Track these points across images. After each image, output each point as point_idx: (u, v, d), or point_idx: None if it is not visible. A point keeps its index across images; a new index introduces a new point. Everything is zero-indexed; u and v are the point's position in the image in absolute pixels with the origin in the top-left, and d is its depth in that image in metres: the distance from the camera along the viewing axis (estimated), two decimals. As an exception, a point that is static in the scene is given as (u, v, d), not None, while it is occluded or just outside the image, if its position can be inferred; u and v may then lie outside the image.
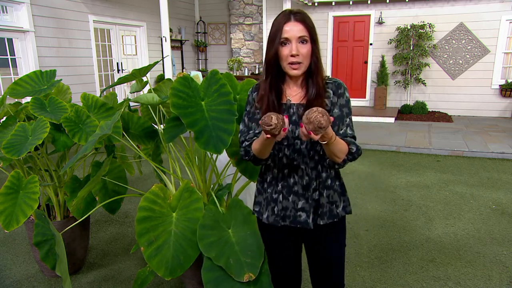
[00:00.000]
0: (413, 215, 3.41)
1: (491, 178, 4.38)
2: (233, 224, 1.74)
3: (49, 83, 2.39)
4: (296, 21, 1.25)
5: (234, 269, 1.54)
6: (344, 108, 1.32)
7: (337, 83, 1.34)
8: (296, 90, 1.34)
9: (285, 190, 1.37)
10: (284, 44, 1.25)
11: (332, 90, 1.33)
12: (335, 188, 1.38)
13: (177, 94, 1.59)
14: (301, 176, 1.35)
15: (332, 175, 1.38)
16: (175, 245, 1.65)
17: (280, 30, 1.25)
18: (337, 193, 1.39)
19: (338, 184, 1.40)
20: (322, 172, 1.35)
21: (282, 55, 1.26)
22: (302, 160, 1.34)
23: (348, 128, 1.32)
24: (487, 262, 2.63)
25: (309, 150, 1.33)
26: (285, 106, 1.34)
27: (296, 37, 1.24)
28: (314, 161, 1.34)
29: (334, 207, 1.38)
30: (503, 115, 7.82)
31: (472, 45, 7.78)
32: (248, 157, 1.36)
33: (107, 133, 1.76)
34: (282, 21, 1.26)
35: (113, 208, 2.21)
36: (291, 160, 1.34)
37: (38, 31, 5.88)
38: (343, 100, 1.33)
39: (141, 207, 1.64)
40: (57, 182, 2.31)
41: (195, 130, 1.55)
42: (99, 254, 2.76)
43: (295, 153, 1.33)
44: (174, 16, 9.15)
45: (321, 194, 1.36)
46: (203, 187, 2.11)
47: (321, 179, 1.35)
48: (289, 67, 1.27)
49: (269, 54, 1.29)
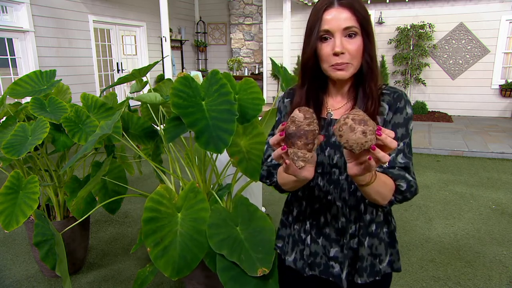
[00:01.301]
0: (413, 215, 3.41)
1: (491, 178, 4.38)
2: (240, 221, 1.75)
3: (49, 83, 2.39)
4: (341, 7, 0.92)
5: (247, 265, 1.56)
6: (400, 129, 0.97)
7: (396, 94, 0.99)
8: (341, 101, 1.03)
9: (314, 231, 1.07)
10: (324, 40, 0.94)
11: (389, 103, 0.99)
12: (381, 237, 1.05)
13: (178, 94, 1.59)
14: (336, 216, 1.03)
15: (380, 219, 1.04)
16: (181, 245, 1.65)
17: (319, 19, 0.93)
18: (383, 244, 1.05)
19: (386, 231, 1.06)
20: (366, 214, 1.02)
21: (322, 54, 0.95)
22: (340, 195, 1.02)
23: (400, 155, 0.96)
24: (487, 262, 2.63)
25: (350, 182, 1.00)
26: (324, 121, 1.02)
27: (341, 29, 0.92)
28: (355, 198, 1.01)
29: (378, 261, 1.04)
30: (503, 115, 7.83)
31: (472, 45, 7.78)
32: (270, 181, 1.06)
33: (108, 133, 1.75)
34: (321, 7, 0.94)
35: (113, 208, 2.21)
36: (325, 194, 1.03)
37: (38, 31, 5.88)
38: (400, 118, 0.97)
39: (147, 208, 1.64)
40: (57, 182, 2.31)
41: (195, 130, 1.55)
42: (99, 254, 2.76)
43: (331, 185, 1.02)
44: (174, 16, 9.15)
45: (361, 243, 1.03)
46: (203, 187, 2.11)
47: (363, 223, 1.03)
48: (331, 69, 0.95)
49: (305, 54, 0.98)
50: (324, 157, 1.01)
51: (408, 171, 0.95)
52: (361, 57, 0.95)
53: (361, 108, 0.96)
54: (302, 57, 1.01)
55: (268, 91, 9.38)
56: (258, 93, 1.87)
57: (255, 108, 1.79)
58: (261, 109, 1.80)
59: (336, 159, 0.99)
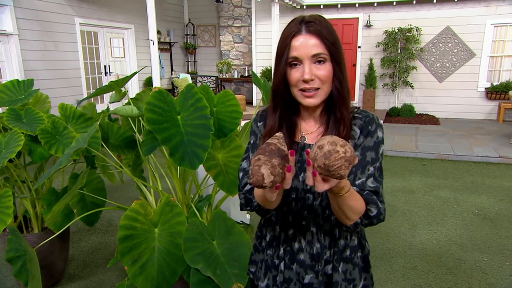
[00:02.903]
0: (397, 221, 3.43)
1: (475, 182, 4.43)
2: (217, 235, 1.73)
3: (26, 92, 2.35)
4: (309, 34, 0.92)
5: (222, 280, 1.54)
6: (369, 152, 0.97)
7: (368, 118, 0.99)
8: (314, 125, 1.03)
9: (288, 257, 1.05)
10: (294, 66, 0.94)
11: (360, 127, 0.99)
12: (355, 262, 1.05)
13: (152, 109, 1.57)
14: (310, 242, 1.03)
15: (354, 243, 1.05)
16: (160, 261, 1.64)
17: (288, 46, 0.93)
18: (357, 268, 1.05)
19: (360, 256, 1.06)
20: (340, 239, 1.02)
21: (291, 79, 0.95)
22: (314, 220, 1.01)
23: (371, 179, 0.95)
24: (468, 269, 2.65)
25: (324, 207, 1.00)
26: (297, 146, 1.02)
27: (310, 56, 0.92)
28: (329, 224, 1.01)
29: (352, 286, 1.05)
30: (489, 117, 7.93)
31: (458, 49, 7.87)
32: (251, 207, 1.02)
33: (82, 146, 1.73)
34: (289, 34, 0.94)
35: (91, 221, 2.18)
36: (299, 219, 1.03)
37: (22, 34, 5.79)
38: (371, 141, 0.97)
39: (122, 226, 1.62)
40: (35, 194, 2.27)
41: (170, 146, 1.53)
42: (80, 265, 2.72)
43: (305, 210, 1.01)
44: (163, 18, 9.10)
45: (335, 268, 1.03)
46: (183, 198, 2.10)
47: (337, 249, 1.03)
48: (301, 95, 0.95)
49: (275, 79, 0.98)
50: (298, 182, 1.00)
51: (378, 196, 0.95)
52: (331, 83, 0.96)
53: (334, 133, 0.96)
54: (273, 82, 1.01)
55: (257, 93, 9.37)
56: (237, 106, 1.86)
57: (233, 122, 1.78)
58: (239, 123, 1.79)
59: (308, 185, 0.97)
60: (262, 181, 0.73)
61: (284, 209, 1.04)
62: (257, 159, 0.75)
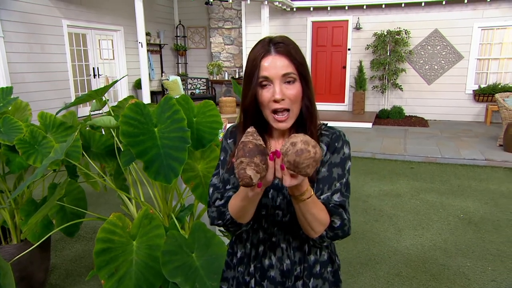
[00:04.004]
0: (383, 226, 3.44)
1: (461, 186, 4.47)
2: (196, 248, 1.72)
3: (5, 100, 2.31)
4: (278, 54, 0.94)
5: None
6: (336, 168, 0.98)
7: (334, 135, 1.01)
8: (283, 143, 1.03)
9: (258, 274, 1.05)
10: (264, 86, 0.95)
11: (327, 144, 1.00)
12: (325, 277, 1.06)
13: (128, 121, 1.55)
14: (280, 259, 1.03)
15: (324, 258, 1.06)
16: (137, 275, 1.61)
17: (257, 66, 0.94)
18: (327, 283, 1.06)
19: (331, 271, 1.07)
20: (310, 254, 1.04)
21: (262, 100, 0.95)
22: (284, 237, 1.02)
23: (337, 195, 0.96)
24: (451, 275, 2.67)
25: (293, 224, 1.00)
26: None
27: (280, 76, 0.93)
28: (299, 240, 1.02)
29: None
30: (477, 119, 8.01)
31: (446, 51, 7.94)
32: (223, 221, 1.00)
33: (59, 158, 1.70)
34: (259, 54, 0.95)
35: (71, 232, 2.15)
36: (269, 236, 1.04)
37: (7, 36, 5.71)
38: (337, 158, 0.99)
39: (99, 239, 1.60)
40: (13, 204, 2.23)
41: (145, 159, 1.51)
42: (62, 274, 2.69)
43: (275, 227, 1.02)
44: (152, 20, 9.04)
45: (305, 284, 1.03)
46: (164, 209, 2.08)
47: (307, 264, 1.03)
48: (273, 118, 0.96)
49: (246, 99, 0.97)
50: (267, 199, 1.01)
51: (344, 209, 0.97)
52: (301, 102, 0.98)
53: None
54: (242, 102, 1.01)
55: (248, 95, 9.36)
56: (217, 116, 1.85)
57: (212, 132, 1.77)
58: (218, 133, 1.77)
59: (279, 201, 1.00)
60: (251, 182, 0.78)
61: (255, 226, 1.05)
62: (239, 162, 0.79)
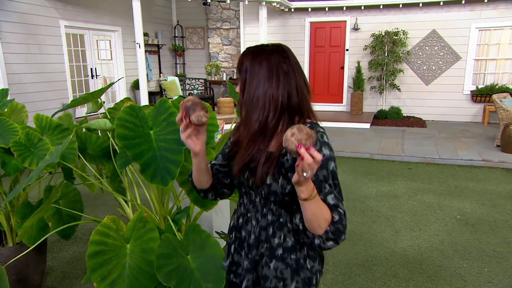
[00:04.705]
0: (381, 227, 3.44)
1: (459, 186, 4.48)
2: (191, 249, 1.71)
3: (0, 102, 2.31)
4: None
5: None
6: (320, 171, 1.01)
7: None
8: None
9: (237, 242, 1.20)
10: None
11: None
12: (287, 262, 1.10)
13: (123, 124, 1.54)
14: (249, 233, 1.15)
15: (288, 245, 1.10)
16: (130, 278, 1.61)
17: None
18: (290, 269, 1.10)
19: (294, 258, 1.11)
20: (274, 237, 1.10)
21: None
22: (255, 215, 1.13)
23: (331, 196, 1.01)
24: (448, 276, 2.68)
25: (263, 205, 1.11)
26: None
27: None
28: (266, 220, 1.11)
29: (282, 284, 1.10)
30: (474, 120, 8.03)
31: (444, 52, 7.96)
32: (192, 185, 1.24)
33: (54, 161, 1.70)
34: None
35: (67, 234, 2.14)
36: (246, 211, 1.17)
37: (5, 37, 5.69)
38: None
39: (92, 242, 1.59)
40: (9, 206, 2.23)
41: (141, 162, 1.51)
42: (58, 276, 2.68)
43: (251, 204, 1.16)
44: (150, 20, 9.03)
45: (267, 263, 1.11)
46: (160, 211, 2.07)
47: (269, 245, 1.10)
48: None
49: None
50: (244, 179, 1.13)
51: (339, 207, 1.03)
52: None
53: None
54: None
55: (247, 96, 9.35)
56: (213, 119, 1.84)
57: (208, 135, 1.76)
58: (214, 136, 1.77)
59: (249, 182, 1.11)
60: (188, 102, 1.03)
61: (240, 201, 1.21)
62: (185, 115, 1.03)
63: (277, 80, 1.04)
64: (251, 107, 1.06)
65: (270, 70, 1.05)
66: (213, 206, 1.74)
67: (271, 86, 1.04)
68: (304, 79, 1.09)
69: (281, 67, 1.05)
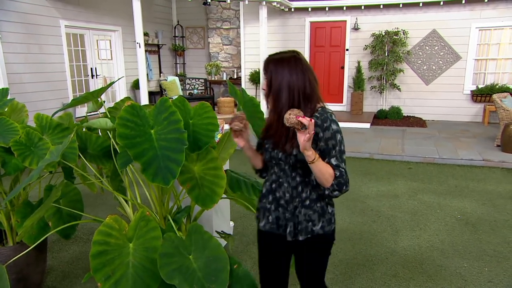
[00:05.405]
0: (381, 227, 3.44)
1: (459, 186, 4.48)
2: (193, 250, 1.71)
3: (1, 102, 2.31)
4: None
5: None
6: (330, 141, 1.43)
7: (323, 117, 1.45)
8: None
9: (274, 203, 1.58)
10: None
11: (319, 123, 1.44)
12: (314, 209, 1.53)
13: (125, 123, 1.54)
14: (284, 192, 1.55)
15: (313, 197, 1.53)
16: (134, 277, 1.61)
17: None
18: (317, 214, 1.53)
19: (319, 206, 1.54)
20: (302, 193, 1.53)
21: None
22: (286, 179, 1.54)
23: (333, 159, 1.43)
24: (448, 276, 2.67)
25: (291, 171, 1.53)
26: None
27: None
28: (295, 182, 1.53)
29: (311, 224, 1.53)
30: (475, 119, 8.03)
31: (444, 52, 7.96)
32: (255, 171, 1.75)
33: (54, 160, 1.70)
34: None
35: (67, 234, 2.14)
36: (278, 177, 1.56)
37: (5, 36, 5.69)
38: (329, 133, 1.43)
39: (95, 242, 1.59)
40: (9, 205, 2.22)
41: (142, 161, 1.51)
42: (59, 276, 2.68)
43: (281, 172, 1.55)
44: (151, 20, 9.03)
45: (299, 212, 1.52)
46: (160, 210, 2.07)
47: (300, 199, 1.53)
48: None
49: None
50: (274, 153, 1.54)
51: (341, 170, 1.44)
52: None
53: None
54: None
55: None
56: (213, 118, 1.84)
57: (209, 134, 1.76)
58: (214, 136, 1.77)
59: (280, 155, 1.52)
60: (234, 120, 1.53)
61: (271, 171, 1.60)
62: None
63: (296, 75, 1.44)
64: (279, 95, 1.45)
65: (290, 68, 1.43)
66: (213, 205, 1.74)
67: (292, 79, 1.43)
68: (313, 75, 1.49)
69: (297, 66, 1.45)
